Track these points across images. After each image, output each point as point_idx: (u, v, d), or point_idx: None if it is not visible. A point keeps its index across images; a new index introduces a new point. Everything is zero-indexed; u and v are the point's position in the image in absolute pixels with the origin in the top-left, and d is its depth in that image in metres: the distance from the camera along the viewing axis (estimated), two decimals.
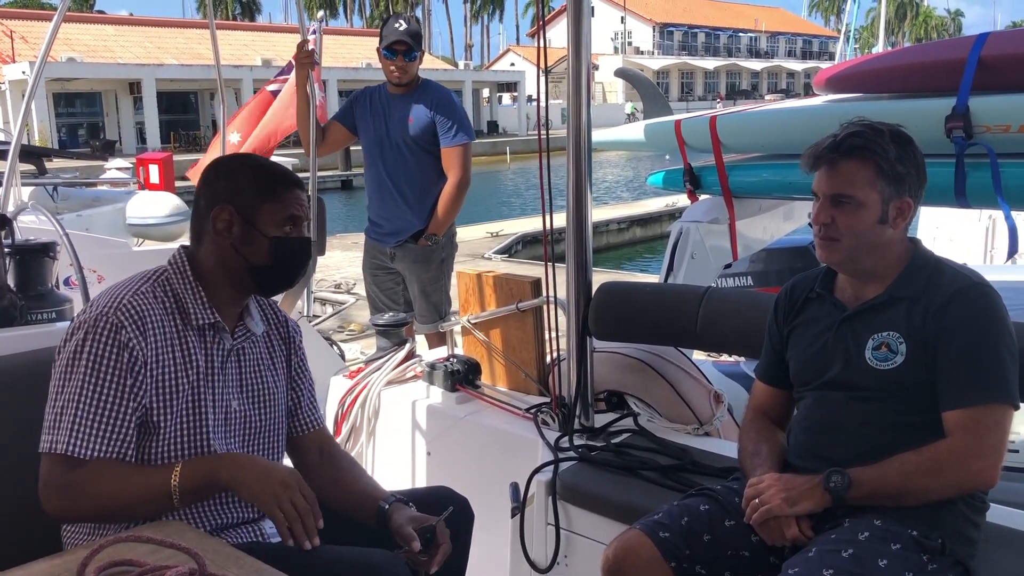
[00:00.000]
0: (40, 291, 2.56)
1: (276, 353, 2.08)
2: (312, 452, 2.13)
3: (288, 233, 1.92)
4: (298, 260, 1.97)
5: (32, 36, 34.23)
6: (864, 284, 1.98)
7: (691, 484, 2.29)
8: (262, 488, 1.70)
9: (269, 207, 1.91)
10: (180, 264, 1.93)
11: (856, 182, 1.90)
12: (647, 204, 19.36)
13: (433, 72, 40.85)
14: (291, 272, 1.98)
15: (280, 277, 1.97)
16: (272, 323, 2.09)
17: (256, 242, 1.90)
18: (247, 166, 1.99)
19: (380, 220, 4.34)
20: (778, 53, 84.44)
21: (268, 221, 1.90)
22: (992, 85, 3.03)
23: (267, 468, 1.76)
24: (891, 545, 1.77)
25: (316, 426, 2.15)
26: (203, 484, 1.73)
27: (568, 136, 2.64)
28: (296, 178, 2.00)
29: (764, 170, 3.82)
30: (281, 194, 1.92)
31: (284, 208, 1.92)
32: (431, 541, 1.89)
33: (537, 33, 2.78)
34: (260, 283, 1.96)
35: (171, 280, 1.91)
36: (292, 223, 1.93)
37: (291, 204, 1.93)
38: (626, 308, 2.80)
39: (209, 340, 1.91)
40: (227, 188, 1.92)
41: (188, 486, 1.71)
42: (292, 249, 1.94)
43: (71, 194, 8.38)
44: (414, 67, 4.16)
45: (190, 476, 1.72)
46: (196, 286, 1.91)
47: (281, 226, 1.91)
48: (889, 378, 1.89)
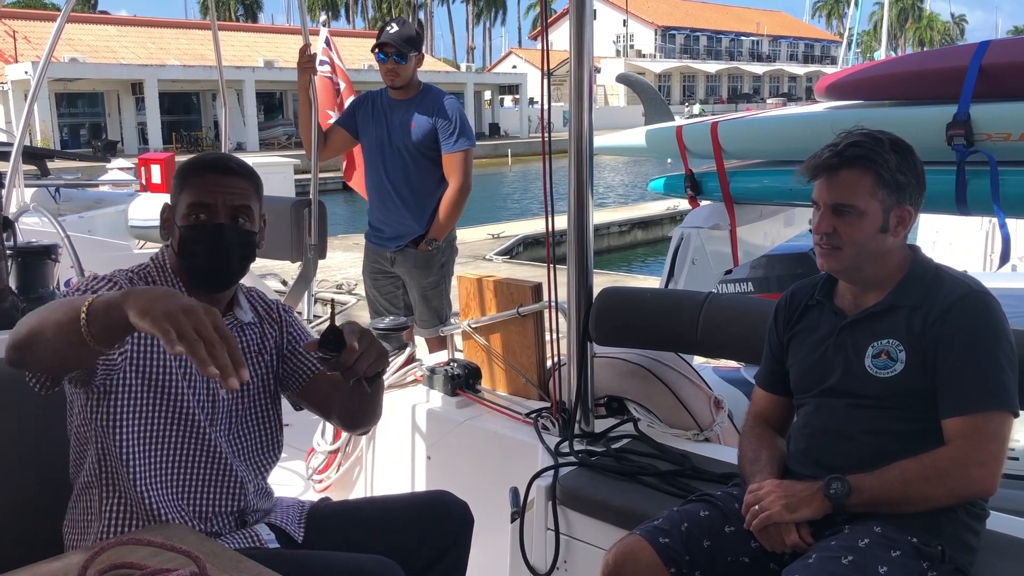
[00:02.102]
0: (41, 293, 2.56)
1: (268, 340, 2.06)
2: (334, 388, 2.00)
3: (197, 221, 1.85)
4: (203, 246, 1.86)
5: (35, 36, 34.27)
6: (864, 292, 1.99)
7: (691, 490, 2.29)
8: (154, 304, 1.38)
9: (183, 196, 1.88)
10: (161, 260, 1.95)
11: (857, 191, 1.90)
12: (649, 207, 19.37)
13: (435, 74, 40.95)
14: (210, 262, 1.87)
15: (199, 268, 1.89)
16: (262, 310, 2.07)
17: (175, 234, 1.90)
18: (183, 163, 1.98)
19: (381, 225, 4.33)
20: (780, 57, 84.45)
21: (180, 212, 1.88)
22: (993, 93, 3.03)
23: (171, 292, 1.46)
24: (891, 552, 1.77)
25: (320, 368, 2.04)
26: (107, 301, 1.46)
27: (570, 141, 2.64)
28: (215, 164, 1.90)
29: (765, 176, 3.83)
30: (192, 182, 1.88)
31: (191, 195, 1.87)
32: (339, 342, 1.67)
33: (540, 36, 2.78)
34: (191, 279, 1.90)
35: (151, 275, 1.92)
36: (203, 210, 1.85)
37: (200, 190, 1.86)
38: (627, 313, 2.80)
39: None
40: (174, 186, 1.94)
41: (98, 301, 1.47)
42: (196, 235, 1.86)
43: (73, 195, 8.39)
44: (406, 70, 4.13)
45: (104, 295, 1.50)
46: (175, 281, 1.92)
47: (188, 215, 1.86)
48: (889, 386, 1.89)
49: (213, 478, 1.92)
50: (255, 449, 2.02)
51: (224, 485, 1.93)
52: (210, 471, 1.92)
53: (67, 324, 1.48)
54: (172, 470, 1.88)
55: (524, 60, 63.73)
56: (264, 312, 2.08)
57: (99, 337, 1.47)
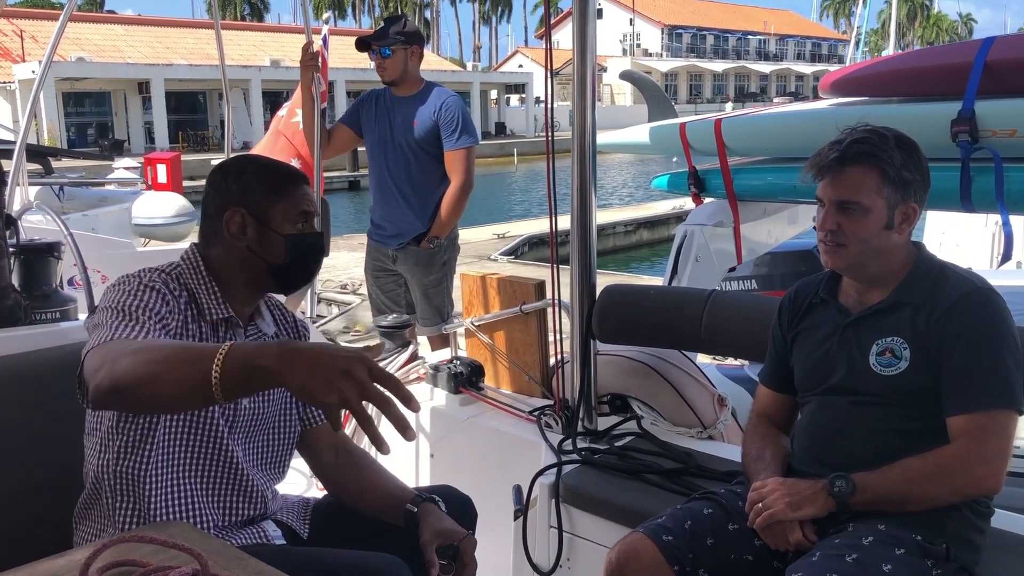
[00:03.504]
0: (44, 291, 2.56)
1: None
2: (327, 450, 2.10)
3: (301, 229, 1.93)
4: (314, 255, 1.98)
5: (42, 36, 34.35)
6: (868, 289, 1.98)
7: (694, 488, 2.28)
8: (312, 376, 1.36)
9: (281, 206, 1.91)
10: (194, 261, 1.93)
11: (862, 188, 1.89)
12: (654, 206, 19.35)
13: (441, 74, 40.98)
14: (309, 267, 1.99)
15: (299, 273, 1.97)
16: (282, 324, 2.09)
17: (271, 242, 1.90)
18: (253, 166, 1.98)
19: (382, 222, 4.34)
20: (787, 56, 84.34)
21: (281, 219, 1.90)
22: (998, 89, 3.02)
23: (321, 351, 1.40)
24: (895, 550, 1.76)
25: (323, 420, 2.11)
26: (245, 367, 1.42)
27: (573, 139, 2.64)
28: (301, 174, 2.01)
29: (769, 173, 3.82)
30: (291, 191, 1.93)
31: (295, 205, 1.92)
32: (455, 556, 1.87)
33: (544, 35, 2.78)
34: (280, 281, 1.96)
35: (183, 275, 1.90)
36: (304, 219, 1.94)
37: (301, 200, 1.93)
38: (630, 311, 2.80)
39: (221, 336, 1.90)
40: (237, 190, 1.91)
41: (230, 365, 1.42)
42: (307, 244, 1.95)
43: (77, 194, 8.41)
44: (393, 63, 4.12)
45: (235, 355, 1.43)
46: (210, 282, 1.91)
47: (294, 223, 1.92)
48: (893, 384, 1.89)
49: (230, 486, 1.91)
50: (269, 458, 2.01)
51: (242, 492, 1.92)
52: (227, 478, 1.90)
53: (193, 381, 1.44)
54: (190, 475, 1.85)
55: (530, 59, 63.71)
56: (283, 325, 2.09)
57: (233, 395, 1.45)
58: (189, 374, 1.45)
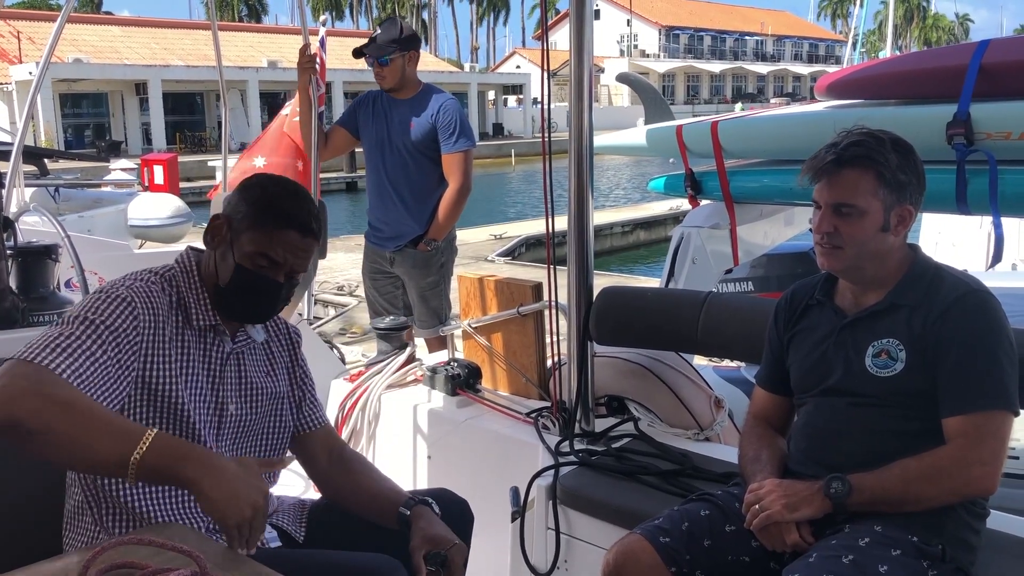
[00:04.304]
0: (42, 293, 2.56)
1: (277, 360, 2.05)
2: (320, 454, 2.10)
3: (257, 269, 1.85)
4: (253, 297, 1.88)
5: (39, 37, 34.30)
6: (864, 291, 1.99)
7: (691, 489, 2.29)
8: (228, 504, 1.53)
9: (251, 236, 1.85)
10: (187, 264, 1.92)
11: (858, 191, 1.89)
12: (651, 207, 19.35)
13: (438, 75, 40.97)
14: (244, 304, 1.89)
15: (233, 303, 1.89)
16: (272, 331, 2.07)
17: (226, 261, 1.87)
18: (260, 190, 1.92)
19: (380, 224, 4.33)
20: (784, 57, 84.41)
21: (245, 247, 1.85)
22: (993, 92, 3.03)
23: (239, 481, 1.56)
24: (892, 551, 1.77)
25: (319, 423, 2.12)
26: (166, 466, 1.53)
27: (570, 141, 2.64)
28: (301, 222, 1.87)
29: (765, 175, 3.82)
30: (269, 229, 1.84)
31: (263, 244, 1.84)
32: (443, 564, 1.85)
33: (541, 36, 2.78)
34: (219, 303, 1.90)
35: (176, 278, 1.89)
36: (268, 262, 1.85)
37: (273, 244, 1.84)
38: (627, 313, 2.80)
39: (209, 342, 1.89)
40: (235, 201, 1.90)
41: (151, 459, 1.51)
42: (250, 285, 1.86)
43: (73, 195, 8.39)
44: (392, 71, 4.11)
45: (159, 449, 1.52)
46: (200, 288, 1.89)
47: (252, 259, 1.85)
48: (889, 385, 1.89)
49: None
50: (252, 454, 1.99)
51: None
52: None
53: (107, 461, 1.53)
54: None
55: (528, 60, 63.76)
56: (274, 332, 2.07)
57: (143, 480, 1.55)
58: (104, 456, 1.52)
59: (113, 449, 1.51)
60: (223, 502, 1.52)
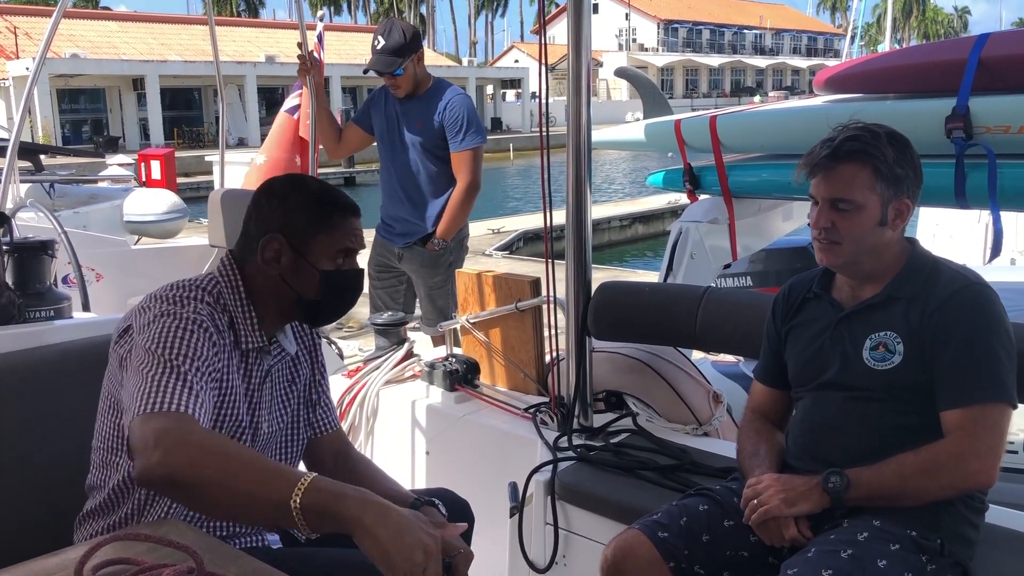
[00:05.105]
0: (39, 289, 2.54)
1: (301, 364, 2.01)
2: (327, 457, 2.06)
3: (340, 265, 1.82)
4: (350, 294, 1.88)
5: (36, 32, 34.21)
6: (862, 284, 1.98)
7: (690, 484, 2.29)
8: (399, 546, 1.39)
9: (322, 238, 1.80)
10: (233, 279, 1.83)
11: (855, 185, 1.89)
12: (649, 201, 19.34)
13: (437, 69, 40.84)
14: (342, 305, 1.88)
15: (329, 311, 1.88)
16: (300, 338, 2.02)
17: (306, 275, 1.80)
18: (302, 191, 1.85)
19: (391, 221, 4.29)
20: (783, 50, 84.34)
21: (320, 253, 1.80)
22: (992, 86, 3.02)
23: (408, 522, 1.43)
24: (890, 546, 1.77)
25: (331, 428, 2.09)
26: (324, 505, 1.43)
27: (568, 136, 2.64)
28: (353, 205, 1.86)
29: (764, 170, 3.82)
30: (336, 224, 1.81)
31: (338, 240, 1.81)
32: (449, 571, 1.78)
33: (540, 30, 2.77)
34: (307, 316, 1.88)
35: (224, 295, 1.81)
36: (345, 255, 1.83)
37: (347, 235, 1.82)
38: (625, 308, 2.80)
39: (251, 362, 1.84)
40: (280, 216, 1.81)
41: (309, 501, 1.43)
42: (344, 284, 1.84)
43: (68, 191, 8.35)
44: (405, 79, 4.05)
45: (316, 490, 1.44)
46: (248, 306, 1.82)
47: (334, 259, 1.81)
48: (887, 378, 1.89)
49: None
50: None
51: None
52: None
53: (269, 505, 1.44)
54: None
55: (526, 54, 63.68)
56: (301, 338, 2.02)
57: (312, 529, 1.44)
58: (268, 501, 1.44)
59: (272, 496, 1.44)
60: (388, 541, 1.39)
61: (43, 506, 1.98)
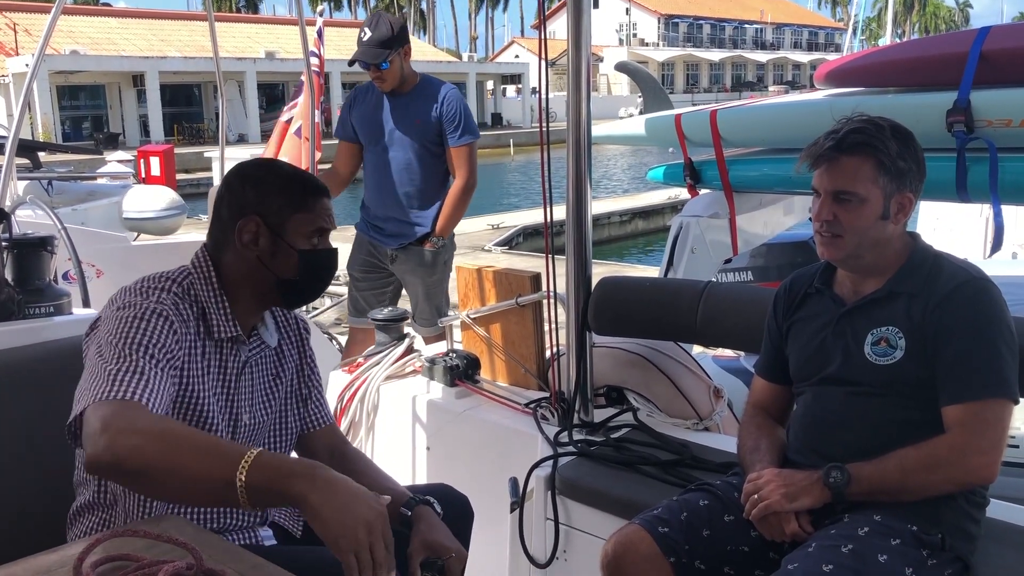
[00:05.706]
0: (38, 285, 2.54)
1: (286, 358, 2.01)
2: (322, 452, 2.05)
3: (315, 245, 1.86)
4: (326, 273, 1.92)
5: (35, 29, 34.16)
6: (863, 279, 1.98)
7: (690, 479, 2.29)
8: (341, 524, 1.40)
9: (298, 218, 1.83)
10: (205, 269, 1.85)
11: (858, 178, 1.88)
12: (650, 196, 19.30)
13: (437, 64, 40.89)
14: (319, 285, 1.92)
15: (308, 290, 1.91)
16: (283, 326, 2.03)
17: (284, 255, 1.83)
18: (275, 173, 1.89)
19: (381, 223, 4.21)
20: (784, 45, 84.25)
21: (297, 233, 1.83)
22: (994, 79, 3.02)
23: (352, 497, 1.44)
24: (891, 540, 1.77)
25: (325, 422, 2.09)
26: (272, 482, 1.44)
27: (568, 131, 2.63)
28: (324, 186, 1.92)
29: (765, 164, 3.81)
30: (311, 204, 1.85)
31: (313, 220, 1.85)
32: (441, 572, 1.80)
33: (540, 25, 2.76)
34: (287, 296, 1.90)
35: (195, 285, 1.83)
36: (320, 235, 1.87)
37: (320, 215, 1.86)
38: (626, 303, 2.80)
39: (226, 352, 1.85)
40: (254, 198, 1.83)
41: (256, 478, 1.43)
42: (321, 263, 1.88)
43: (66, 188, 8.31)
44: (391, 73, 3.98)
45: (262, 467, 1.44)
46: (220, 295, 1.83)
47: (309, 238, 1.85)
48: (888, 373, 1.89)
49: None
50: None
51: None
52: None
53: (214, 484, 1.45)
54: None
55: (526, 49, 63.58)
56: (284, 327, 2.03)
57: (256, 505, 1.46)
58: (209, 476, 1.46)
59: (215, 474, 1.45)
60: (332, 520, 1.40)
61: (43, 502, 1.98)
